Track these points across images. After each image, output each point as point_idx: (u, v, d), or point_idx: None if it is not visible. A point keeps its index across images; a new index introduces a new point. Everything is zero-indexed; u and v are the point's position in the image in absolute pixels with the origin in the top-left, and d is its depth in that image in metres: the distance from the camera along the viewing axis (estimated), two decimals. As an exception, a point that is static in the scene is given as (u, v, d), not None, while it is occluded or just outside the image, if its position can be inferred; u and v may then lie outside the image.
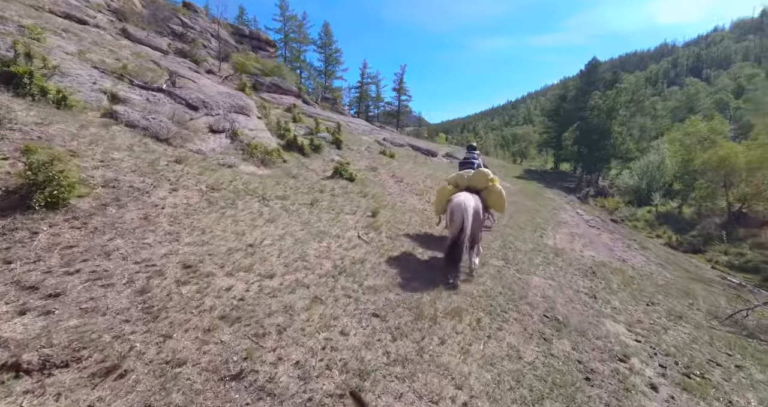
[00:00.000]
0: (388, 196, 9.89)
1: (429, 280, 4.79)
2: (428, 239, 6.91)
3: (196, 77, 12.95)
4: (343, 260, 4.67)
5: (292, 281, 3.77)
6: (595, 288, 6.86)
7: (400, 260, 5.29)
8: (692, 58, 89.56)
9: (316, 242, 5.00)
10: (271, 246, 4.37)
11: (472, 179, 5.75)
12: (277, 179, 7.95)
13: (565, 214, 15.21)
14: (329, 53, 41.55)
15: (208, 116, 8.73)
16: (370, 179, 11.52)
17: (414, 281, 4.63)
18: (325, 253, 4.75)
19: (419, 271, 5.03)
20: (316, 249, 4.77)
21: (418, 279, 4.72)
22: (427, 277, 4.90)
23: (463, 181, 5.85)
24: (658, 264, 10.41)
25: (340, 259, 4.69)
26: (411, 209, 9.17)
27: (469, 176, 5.80)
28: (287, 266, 4.04)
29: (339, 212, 6.94)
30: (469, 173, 5.84)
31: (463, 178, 5.89)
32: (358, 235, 5.87)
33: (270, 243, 4.44)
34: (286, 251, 4.38)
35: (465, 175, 5.87)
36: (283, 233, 4.89)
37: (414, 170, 15.18)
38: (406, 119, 56.84)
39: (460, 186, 5.85)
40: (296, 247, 4.60)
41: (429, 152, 24.59)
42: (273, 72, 27.52)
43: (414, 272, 4.92)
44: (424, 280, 4.74)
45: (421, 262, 5.43)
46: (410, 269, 5.00)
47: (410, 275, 4.76)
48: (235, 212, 4.99)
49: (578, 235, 11.80)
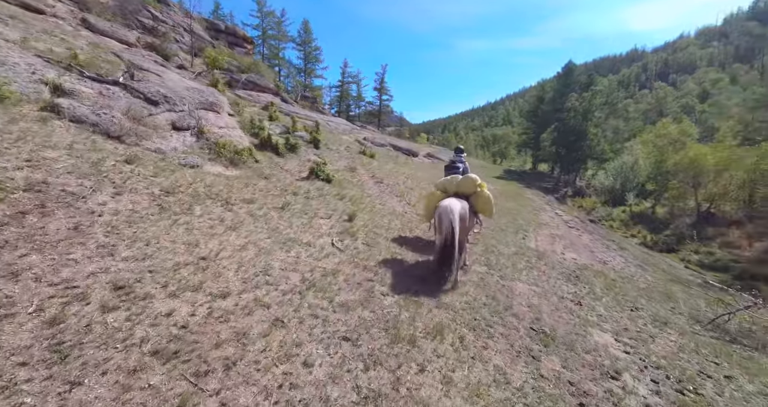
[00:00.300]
0: (367, 198, 9.42)
1: (408, 292, 4.36)
2: (409, 245, 6.49)
3: (162, 71, 12.09)
4: (313, 273, 4.18)
5: (251, 300, 3.25)
6: (579, 294, 6.62)
7: (378, 269, 4.83)
8: (660, 64, 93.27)
9: (284, 252, 4.48)
10: (229, 259, 3.83)
11: (460, 185, 5.69)
12: (247, 180, 7.35)
13: (545, 215, 15.16)
14: (309, 51, 40.65)
15: (171, 112, 8.01)
16: (348, 180, 11.02)
17: (392, 294, 4.19)
18: (293, 264, 4.24)
19: (398, 282, 4.60)
20: (283, 260, 4.25)
21: (397, 292, 4.29)
22: (407, 289, 4.47)
23: (452, 186, 5.79)
24: (637, 265, 10.38)
25: (309, 271, 4.20)
26: (391, 211, 8.74)
27: (457, 182, 5.75)
28: (246, 283, 3.51)
29: (312, 216, 6.43)
30: (457, 179, 5.78)
31: (451, 183, 5.84)
32: (332, 242, 5.38)
33: (228, 255, 3.89)
34: (246, 264, 3.85)
35: (453, 180, 5.82)
36: (245, 242, 4.35)
37: (395, 171, 14.78)
38: (387, 119, 56.52)
39: (448, 191, 5.81)
40: (259, 258, 4.07)
41: (410, 152, 24.27)
42: (250, 69, 26.59)
43: (392, 284, 4.48)
44: (403, 292, 4.31)
45: (400, 271, 5.00)
46: (388, 281, 4.55)
47: (388, 288, 4.31)
48: (190, 218, 4.40)
49: (559, 236, 11.68)
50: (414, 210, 9.77)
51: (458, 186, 5.72)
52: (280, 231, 5.12)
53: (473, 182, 5.62)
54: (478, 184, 5.67)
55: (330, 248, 5.14)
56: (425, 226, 8.57)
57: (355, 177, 11.69)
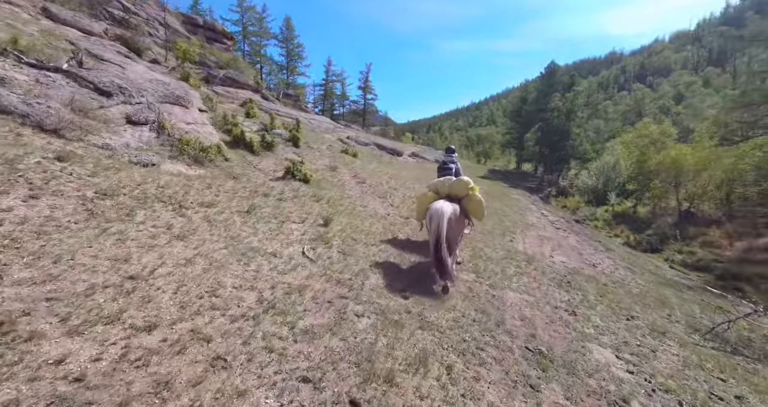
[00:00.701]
0: (347, 199, 8.76)
1: (388, 311, 3.73)
2: (390, 252, 5.87)
3: (125, 63, 11.12)
4: (274, 290, 3.50)
5: (186, 332, 2.57)
6: (573, 302, 6.14)
7: (353, 283, 4.20)
8: (638, 66, 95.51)
9: (241, 265, 3.79)
10: (167, 277, 3.12)
11: (452, 187, 5.65)
12: (211, 180, 6.58)
13: (532, 216, 14.82)
14: (291, 48, 39.59)
15: (127, 105, 7.16)
16: (328, 179, 10.33)
17: (368, 314, 3.56)
18: (251, 281, 3.56)
19: (376, 297, 3.97)
20: (239, 276, 3.56)
21: (374, 310, 3.65)
22: (386, 306, 3.84)
23: (444, 188, 5.74)
24: (625, 268, 10.06)
25: (270, 288, 3.52)
26: (372, 214, 8.10)
27: (450, 184, 5.71)
28: (184, 308, 2.81)
29: (283, 220, 5.73)
30: (450, 180, 5.75)
31: (444, 185, 5.78)
32: (302, 251, 4.71)
33: (167, 272, 3.18)
34: (189, 283, 3.15)
35: (446, 182, 5.78)
36: (193, 254, 3.64)
37: (378, 170, 14.15)
38: (372, 119, 55.87)
39: (440, 193, 5.75)
40: (208, 275, 3.37)
41: (394, 151, 23.69)
42: (229, 65, 25.57)
43: (369, 301, 3.84)
44: (381, 312, 3.68)
45: (379, 284, 4.37)
46: (364, 297, 3.92)
47: (363, 307, 3.67)
48: (127, 227, 3.66)
49: (546, 238, 11.29)
50: (398, 212, 9.17)
51: (450, 188, 5.65)
52: (241, 239, 4.41)
53: (465, 185, 5.56)
54: (470, 187, 5.60)
55: (299, 259, 4.47)
56: (410, 229, 7.98)
57: (335, 177, 11.01)
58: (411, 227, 8.15)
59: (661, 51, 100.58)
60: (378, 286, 4.32)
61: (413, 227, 8.16)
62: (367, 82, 49.69)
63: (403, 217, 8.80)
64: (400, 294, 4.26)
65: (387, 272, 4.94)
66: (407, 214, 9.20)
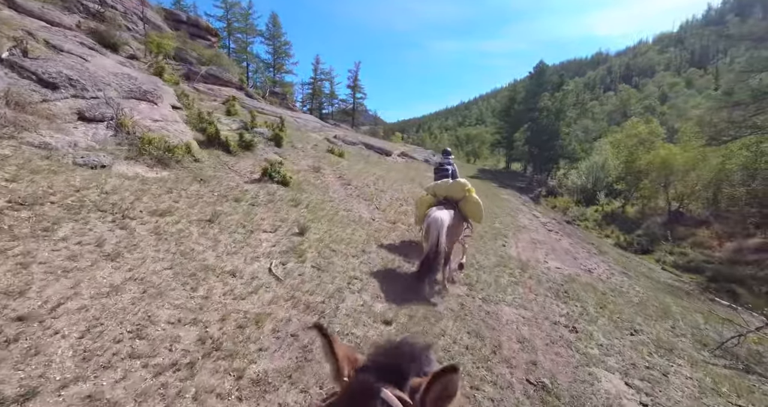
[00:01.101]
0: (329, 203, 8.08)
1: (365, 344, 3.09)
2: (373, 264, 5.22)
3: (90, 55, 10.21)
4: (225, 324, 2.83)
5: (78, 401, 1.88)
6: (572, 315, 5.60)
7: (326, 307, 3.54)
8: (623, 67, 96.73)
9: (186, 291, 3.10)
10: (75, 314, 2.41)
11: (450, 189, 5.62)
12: (174, 184, 5.83)
13: (523, 217, 14.35)
14: (278, 46, 38.55)
15: (78, 99, 6.35)
16: (310, 181, 9.63)
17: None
18: (195, 311, 2.88)
19: (352, 325, 3.32)
20: (180, 306, 2.88)
21: (349, 344, 3.02)
22: (363, 339, 3.20)
23: (441, 190, 5.71)
24: (621, 273, 9.62)
25: (219, 321, 2.85)
26: (356, 219, 7.44)
27: (447, 186, 5.68)
28: (87, 361, 2.11)
29: (252, 230, 5.03)
30: (447, 183, 5.72)
31: (441, 188, 5.75)
32: (269, 268, 4.04)
33: (79, 307, 2.48)
34: (107, 321, 2.45)
35: (443, 185, 5.75)
36: (124, 279, 2.94)
37: (365, 171, 13.48)
38: (361, 118, 55.12)
39: (438, 196, 5.72)
40: (137, 307, 2.67)
41: (383, 150, 23.02)
42: (211, 61, 24.58)
43: (343, 331, 3.20)
44: (357, 346, 3.04)
45: (356, 307, 3.71)
46: (337, 326, 3.26)
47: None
48: (39, 246, 2.94)
49: (539, 242, 10.79)
50: (384, 216, 8.53)
51: (447, 190, 5.61)
52: (194, 256, 3.71)
53: (462, 187, 5.51)
54: (467, 189, 5.53)
55: (264, 278, 3.79)
56: (396, 235, 7.36)
57: (318, 179, 10.31)
58: (398, 233, 7.52)
59: (646, 52, 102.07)
60: (355, 310, 3.67)
61: (400, 233, 7.54)
62: (356, 81, 48.89)
63: (389, 222, 8.16)
64: (382, 319, 3.62)
65: (367, 290, 4.30)
66: (394, 218, 8.57)
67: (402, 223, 8.37)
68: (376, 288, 4.49)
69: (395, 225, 8.01)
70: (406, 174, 16.08)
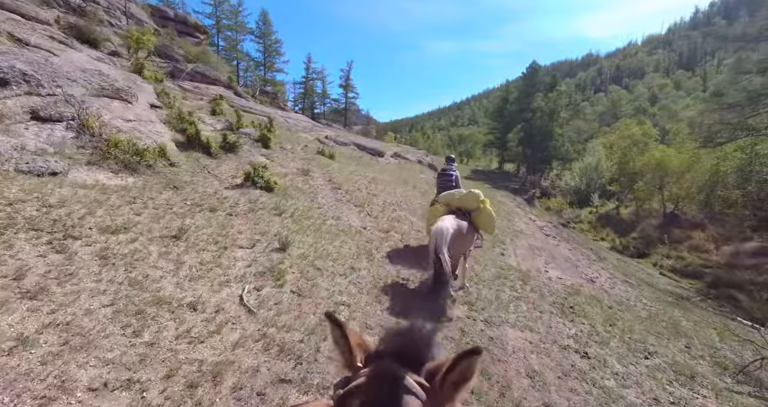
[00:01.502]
0: (317, 210, 7.46)
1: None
2: (362, 285, 4.62)
3: (60, 50, 9.44)
4: (169, 383, 2.21)
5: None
6: (581, 337, 5.08)
7: (306, 347, 2.93)
8: (613, 68, 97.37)
9: (126, 337, 2.47)
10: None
11: (462, 200, 5.47)
12: (139, 192, 5.16)
13: (520, 221, 13.87)
14: (269, 44, 37.65)
15: (32, 96, 5.64)
16: (297, 186, 8.99)
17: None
18: (133, 367, 2.25)
19: (336, 375, 2.73)
20: (111, 361, 2.25)
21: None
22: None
23: (454, 201, 5.55)
24: (623, 281, 9.17)
25: (163, 379, 2.23)
26: (345, 229, 6.83)
27: (459, 197, 5.54)
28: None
29: (227, 246, 4.40)
30: (461, 193, 5.61)
31: (453, 197, 5.60)
32: (240, 296, 3.42)
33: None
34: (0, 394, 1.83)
35: (456, 194, 5.64)
36: (41, 325, 2.28)
37: (356, 173, 12.87)
38: (354, 118, 54.48)
39: (450, 206, 5.54)
40: (49, 368, 2.04)
41: (375, 151, 22.41)
42: (198, 58, 23.75)
43: (324, 384, 2.59)
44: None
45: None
46: (316, 377, 2.65)
47: (315, 398, 2.42)
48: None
49: (538, 248, 10.31)
50: (376, 224, 7.93)
51: (460, 201, 5.46)
52: (146, 285, 3.07)
53: (476, 198, 5.38)
54: (481, 200, 5.39)
55: (233, 310, 3.18)
56: (389, 245, 6.78)
57: (307, 183, 9.67)
58: (391, 243, 6.94)
59: (635, 54, 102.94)
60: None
61: (393, 243, 6.96)
62: (348, 80, 48.18)
63: (382, 230, 7.57)
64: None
65: (356, 318, 3.70)
66: (387, 225, 7.99)
67: (396, 231, 7.79)
68: (367, 314, 3.90)
69: (388, 234, 7.42)
70: (399, 176, 15.51)
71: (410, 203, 11.15)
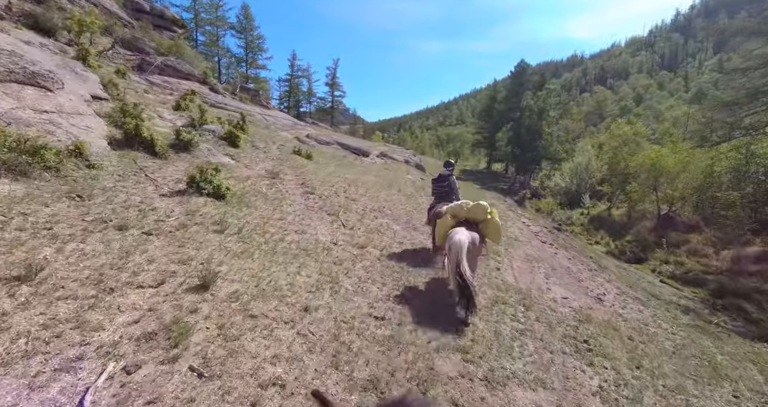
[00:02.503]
0: (278, 222, 6.06)
1: None
2: (317, 343, 3.24)
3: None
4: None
5: None
6: (608, 390, 3.84)
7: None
8: (598, 69, 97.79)
9: None
10: None
11: (471, 211, 5.34)
12: (13, 205, 3.70)
13: (513, 226, 12.69)
14: (250, 39, 35.80)
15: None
16: (260, 191, 7.57)
17: None
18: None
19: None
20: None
21: None
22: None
23: (462, 212, 5.41)
24: (634, 298, 8.03)
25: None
26: (309, 247, 5.44)
27: (468, 208, 5.39)
28: None
29: (114, 287, 2.99)
30: (468, 205, 5.42)
31: (462, 209, 5.44)
32: (81, 398, 2.04)
33: None
34: None
35: (464, 206, 5.45)
36: None
37: (335, 175, 11.48)
38: (340, 117, 53.01)
39: (459, 217, 5.39)
40: None
41: (360, 151, 21.02)
42: (170, 51, 21.99)
43: None
44: None
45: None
46: None
47: None
48: None
49: (536, 259, 9.11)
50: (351, 237, 6.57)
51: (468, 212, 5.37)
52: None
53: (484, 210, 5.30)
54: (489, 211, 5.33)
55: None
56: (364, 266, 5.43)
57: (274, 186, 8.26)
58: (367, 263, 5.59)
59: (619, 55, 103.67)
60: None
61: (369, 263, 5.60)
62: (334, 78, 46.68)
63: (357, 245, 6.22)
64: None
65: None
66: (364, 239, 6.64)
67: (374, 246, 6.44)
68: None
69: (364, 250, 6.07)
70: (384, 177, 14.17)
71: (394, 209, 9.83)
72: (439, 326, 4.07)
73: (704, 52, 75.12)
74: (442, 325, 4.12)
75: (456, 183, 6.89)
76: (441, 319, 4.32)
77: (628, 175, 20.40)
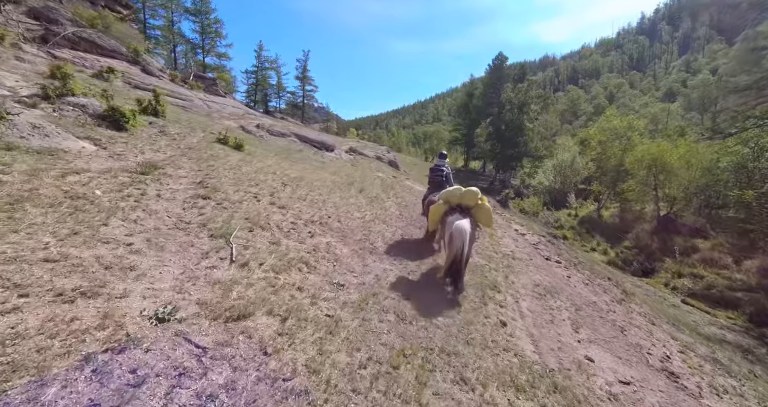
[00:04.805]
0: (51, 266, 2.70)
1: None
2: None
3: None
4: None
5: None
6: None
7: None
8: (570, 69, 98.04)
9: None
10: None
11: (463, 197, 5.20)
12: None
13: (505, 235, 9.75)
14: (207, 23, 31.49)
15: None
16: (89, 196, 4.15)
17: None
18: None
19: None
20: None
21: None
22: None
23: (455, 198, 5.25)
24: (711, 359, 5.18)
25: None
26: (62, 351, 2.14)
27: (460, 194, 5.23)
28: None
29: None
30: (460, 191, 5.24)
31: (454, 195, 5.27)
32: None
33: None
34: None
35: (456, 192, 5.26)
36: None
37: (269, 171, 8.12)
38: (314, 113, 49.06)
39: (451, 203, 5.26)
40: None
41: (324, 145, 17.60)
42: (92, 23, 17.85)
43: None
44: None
45: None
46: None
47: None
48: None
49: (549, 290, 6.14)
50: (223, 297, 3.31)
51: (461, 198, 5.22)
52: None
53: (475, 195, 5.20)
54: (480, 197, 5.25)
55: None
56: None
57: (131, 187, 4.84)
58: (224, 373, 2.34)
59: (590, 56, 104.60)
60: None
61: (238, 367, 2.37)
62: (305, 71, 42.73)
63: (224, 318, 2.94)
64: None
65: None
66: (255, 296, 3.38)
67: (270, 312, 3.19)
68: None
69: (231, 336, 2.81)
70: (345, 175, 10.90)
71: (346, 219, 6.61)
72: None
73: (669, 54, 76.35)
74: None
75: (451, 173, 6.68)
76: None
77: (621, 172, 18.03)
